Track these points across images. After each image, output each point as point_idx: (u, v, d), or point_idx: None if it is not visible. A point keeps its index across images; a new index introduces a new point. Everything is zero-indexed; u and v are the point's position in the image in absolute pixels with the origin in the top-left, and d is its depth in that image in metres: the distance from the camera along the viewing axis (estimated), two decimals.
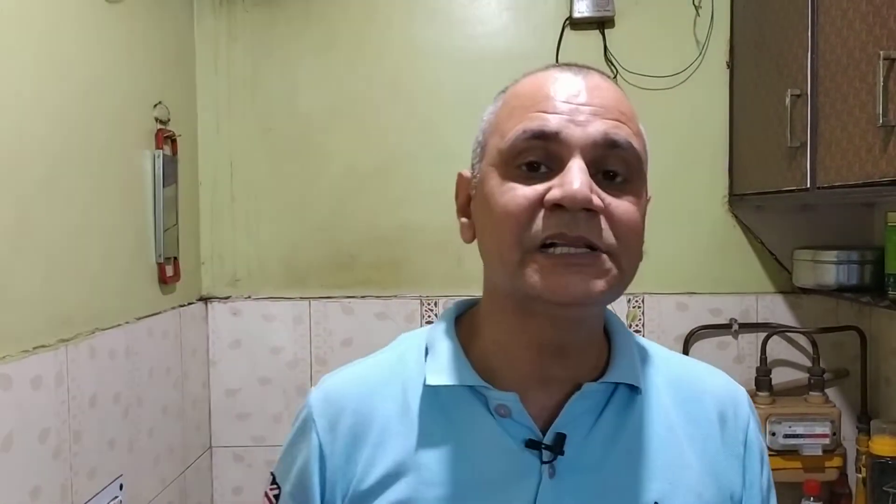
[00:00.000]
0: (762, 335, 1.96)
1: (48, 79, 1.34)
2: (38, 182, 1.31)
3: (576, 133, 0.65)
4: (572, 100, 0.66)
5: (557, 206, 0.63)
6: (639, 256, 0.69)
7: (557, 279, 0.64)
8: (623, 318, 2.02)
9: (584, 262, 0.64)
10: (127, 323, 1.62)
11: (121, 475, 1.55)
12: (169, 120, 1.85)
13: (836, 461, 1.82)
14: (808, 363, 1.94)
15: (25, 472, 1.24)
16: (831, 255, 1.75)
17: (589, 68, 0.71)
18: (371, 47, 2.06)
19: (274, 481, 0.78)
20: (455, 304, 0.80)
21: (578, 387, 0.70)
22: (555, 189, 0.63)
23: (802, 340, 1.99)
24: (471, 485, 0.69)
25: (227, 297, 2.09)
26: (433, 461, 0.70)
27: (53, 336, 1.35)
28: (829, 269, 1.75)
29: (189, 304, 1.98)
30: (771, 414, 1.81)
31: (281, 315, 2.08)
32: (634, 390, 0.73)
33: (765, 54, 1.75)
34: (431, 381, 0.71)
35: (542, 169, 0.66)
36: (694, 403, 0.76)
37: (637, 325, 2.04)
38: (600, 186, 0.65)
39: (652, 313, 2.04)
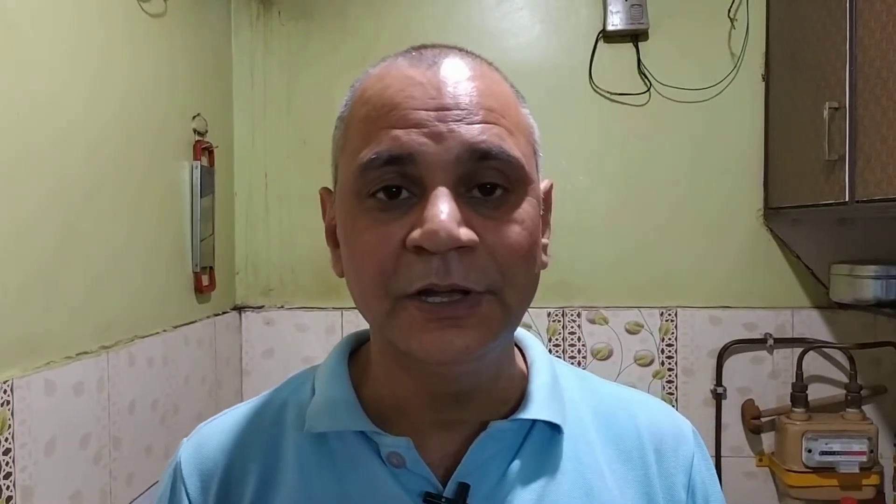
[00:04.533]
0: (798, 350, 1.94)
1: (93, 93, 1.38)
2: (82, 193, 1.34)
3: (434, 152, 0.53)
4: (428, 104, 0.54)
5: (423, 248, 0.53)
6: (531, 282, 0.58)
7: (430, 337, 0.54)
8: (655, 332, 2.01)
9: (460, 314, 0.54)
10: (164, 331, 1.65)
11: (157, 482, 1.58)
12: (207, 132, 1.88)
13: (874, 479, 1.79)
14: (845, 379, 1.91)
15: (67, 477, 1.26)
16: (869, 270, 1.73)
17: (447, 48, 0.59)
18: None
19: None
20: (347, 338, 0.71)
21: (486, 426, 0.60)
22: (415, 230, 0.53)
23: (839, 356, 1.96)
24: None
25: (260, 307, 2.11)
26: None
27: (96, 343, 1.37)
28: (867, 284, 1.73)
29: (223, 312, 2.00)
30: (807, 430, 1.79)
31: (313, 325, 2.10)
32: (556, 429, 0.63)
33: (801, 67, 1.73)
34: (312, 427, 0.62)
35: (404, 194, 0.55)
36: (626, 441, 0.66)
37: (670, 339, 2.02)
38: (476, 205, 0.55)
39: (685, 327, 2.02)
